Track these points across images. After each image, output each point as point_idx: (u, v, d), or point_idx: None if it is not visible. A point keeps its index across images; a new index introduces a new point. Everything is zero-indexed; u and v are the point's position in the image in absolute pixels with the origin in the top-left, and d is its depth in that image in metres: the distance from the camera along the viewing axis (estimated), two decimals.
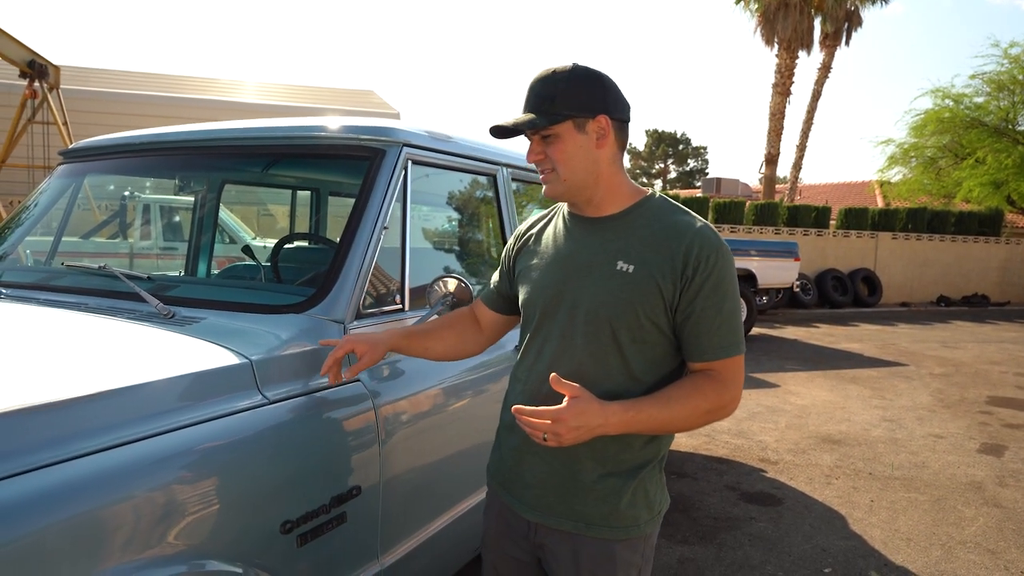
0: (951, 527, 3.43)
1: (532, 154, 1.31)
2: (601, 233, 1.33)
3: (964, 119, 18.11)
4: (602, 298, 1.27)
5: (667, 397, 1.23)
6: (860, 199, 23.84)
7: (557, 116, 1.25)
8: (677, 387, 1.25)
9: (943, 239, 15.80)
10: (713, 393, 1.25)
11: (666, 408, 1.22)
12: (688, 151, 47.10)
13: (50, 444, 1.13)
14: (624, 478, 1.30)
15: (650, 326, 1.26)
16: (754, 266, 9.65)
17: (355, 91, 17.71)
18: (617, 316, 1.26)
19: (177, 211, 7.33)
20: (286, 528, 1.44)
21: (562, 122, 1.26)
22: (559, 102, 1.25)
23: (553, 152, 1.29)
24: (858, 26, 18.94)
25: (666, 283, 1.24)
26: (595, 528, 1.31)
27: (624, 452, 1.30)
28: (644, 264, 1.25)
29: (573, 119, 1.26)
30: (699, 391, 1.24)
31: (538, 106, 1.27)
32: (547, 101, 1.26)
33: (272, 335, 1.62)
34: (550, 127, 1.27)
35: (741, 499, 3.72)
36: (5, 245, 2.38)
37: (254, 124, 2.19)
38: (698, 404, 1.24)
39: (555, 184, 1.31)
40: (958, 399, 6.26)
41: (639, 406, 1.21)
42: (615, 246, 1.29)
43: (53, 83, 9.95)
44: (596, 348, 1.28)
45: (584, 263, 1.32)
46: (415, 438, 1.87)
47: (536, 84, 1.29)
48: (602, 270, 1.29)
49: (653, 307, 1.25)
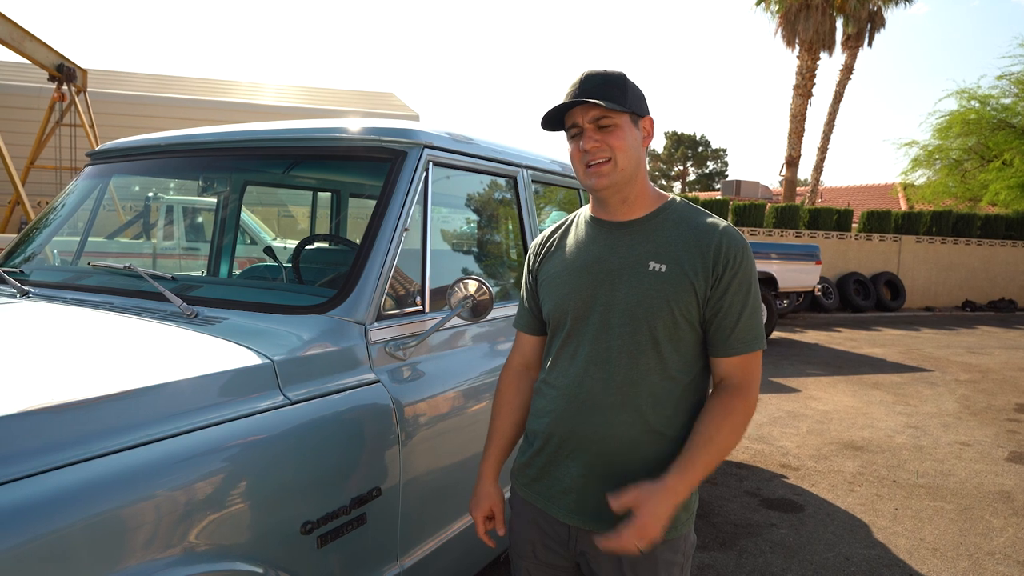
0: (979, 537, 3.37)
1: (589, 141, 1.31)
2: (629, 236, 1.36)
3: (991, 121, 17.83)
4: (637, 298, 1.30)
5: (707, 437, 1.26)
6: (883, 202, 23.56)
7: (623, 105, 1.29)
8: (709, 420, 1.28)
9: (968, 242, 15.56)
10: (741, 403, 1.29)
11: (712, 446, 1.25)
12: (708, 153, 46.83)
13: (75, 442, 1.14)
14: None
15: (684, 323, 1.30)
16: (775, 269, 9.56)
17: (375, 93, 17.82)
18: (653, 315, 1.29)
19: (199, 212, 7.41)
20: (306, 529, 1.44)
21: (625, 112, 1.31)
22: (623, 95, 1.30)
23: (613, 140, 1.31)
24: (881, 27, 18.73)
25: (698, 280, 1.29)
26: None
27: (665, 452, 1.31)
28: (677, 263, 1.30)
29: (632, 114, 1.32)
30: (730, 411, 1.28)
31: (607, 92, 1.29)
32: (616, 90, 1.30)
33: (294, 336, 1.62)
34: (613, 114, 1.30)
35: (762, 505, 3.67)
36: (33, 245, 2.42)
37: (276, 126, 2.20)
38: (734, 422, 1.28)
39: (611, 174, 1.32)
40: (985, 406, 6.15)
41: (691, 461, 1.24)
42: (645, 248, 1.33)
43: (81, 86, 10.11)
44: (632, 349, 1.31)
45: (615, 266, 1.34)
46: (435, 440, 1.87)
47: (594, 75, 1.32)
48: (634, 271, 1.32)
49: (687, 304, 1.29)
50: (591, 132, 1.31)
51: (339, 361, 1.64)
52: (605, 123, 1.30)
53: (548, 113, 1.34)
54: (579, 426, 1.34)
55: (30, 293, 2.01)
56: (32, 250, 2.40)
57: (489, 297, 1.83)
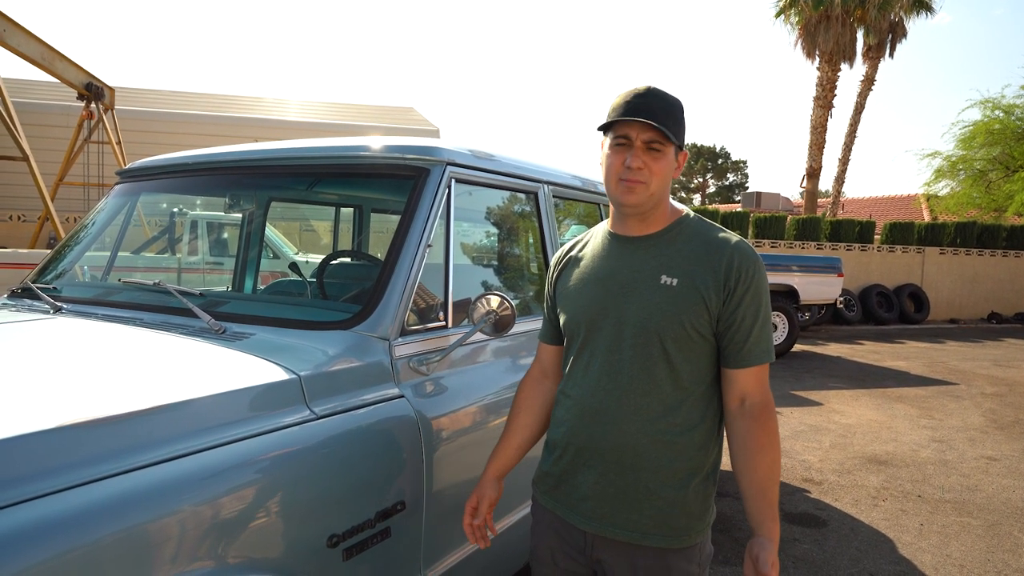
0: (1007, 554, 3.31)
1: (636, 159, 1.34)
2: (643, 251, 1.39)
3: (1015, 130, 17.60)
4: (649, 312, 1.33)
5: (768, 470, 1.32)
6: (905, 213, 23.29)
7: (676, 137, 1.34)
8: (743, 454, 1.34)
9: (994, 254, 15.32)
10: (770, 421, 1.35)
11: (775, 474, 1.33)
12: (727, 165, 46.63)
13: (107, 457, 1.16)
14: (677, 487, 1.35)
15: (696, 336, 1.33)
16: (796, 282, 9.49)
17: (396, 108, 17.99)
18: (664, 328, 1.32)
19: (224, 227, 7.52)
20: (332, 542, 1.46)
21: (672, 144, 1.35)
22: (677, 127, 1.35)
23: (656, 166, 1.35)
24: (903, 37, 18.56)
25: (710, 294, 1.32)
26: (651, 537, 1.35)
27: (677, 461, 1.35)
28: (688, 277, 1.33)
29: (676, 146, 1.37)
30: (768, 432, 1.34)
31: (665, 120, 1.32)
32: (672, 121, 1.34)
33: (320, 351, 1.65)
34: (670, 142, 1.34)
35: (784, 520, 3.64)
36: (65, 262, 2.48)
37: (302, 144, 2.25)
38: (777, 439, 1.34)
39: (642, 194, 1.36)
40: (1012, 420, 6.04)
41: (771, 500, 1.32)
42: (657, 262, 1.37)
43: (108, 104, 10.31)
44: (644, 360, 1.34)
45: (627, 280, 1.38)
46: (459, 454, 1.88)
47: (660, 97, 1.35)
48: (646, 285, 1.35)
49: (698, 317, 1.32)
50: (640, 151, 1.34)
51: (364, 376, 1.67)
52: (656, 147, 1.34)
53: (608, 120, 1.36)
54: (593, 435, 1.38)
55: (63, 309, 2.07)
56: (64, 267, 2.46)
57: (511, 313, 1.85)
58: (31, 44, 8.42)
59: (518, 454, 1.60)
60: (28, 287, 2.31)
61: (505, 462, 1.59)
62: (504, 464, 1.59)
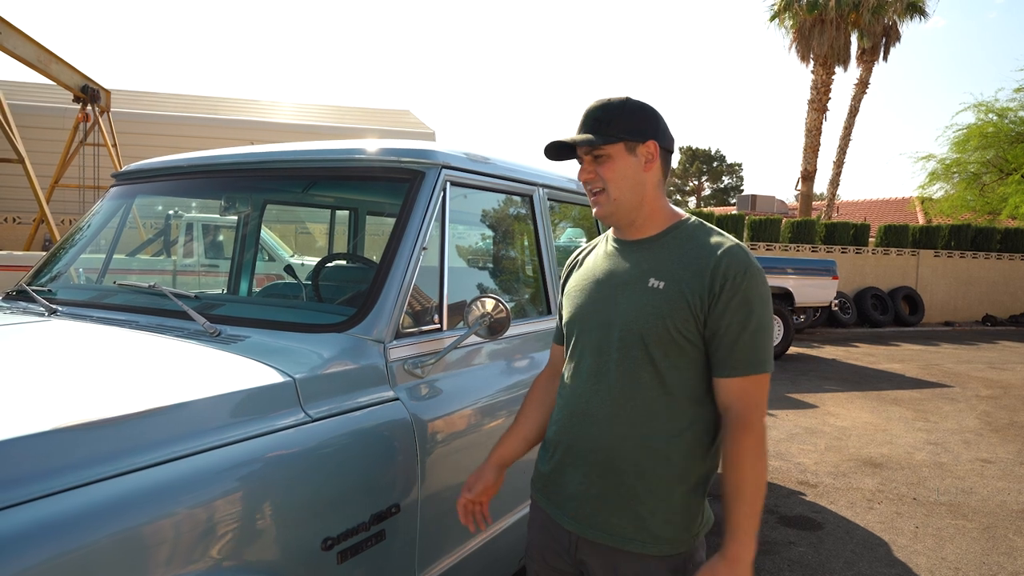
0: (1002, 556, 3.32)
1: (584, 173, 1.39)
2: (637, 254, 1.40)
3: (1009, 133, 17.68)
4: (635, 314, 1.33)
5: (734, 487, 1.25)
6: (900, 216, 23.37)
7: (611, 137, 1.34)
8: (728, 471, 1.27)
9: (988, 256, 15.38)
10: (747, 440, 1.26)
11: (743, 492, 1.24)
12: (723, 168, 46.72)
13: (102, 459, 1.16)
14: (661, 494, 1.32)
15: (682, 340, 1.30)
16: (790, 284, 9.51)
17: (391, 111, 17.99)
18: (648, 331, 1.31)
19: (219, 230, 7.51)
20: (327, 545, 1.46)
21: (615, 143, 1.35)
22: (614, 125, 1.35)
23: (604, 171, 1.36)
24: (896, 41, 18.65)
25: (695, 298, 1.29)
26: (632, 543, 1.33)
27: (661, 467, 1.32)
28: (674, 280, 1.32)
29: (625, 141, 1.35)
30: (741, 454, 1.26)
31: (594, 127, 1.35)
32: (603, 123, 1.35)
33: (314, 354, 1.65)
34: (604, 146, 1.35)
35: (780, 523, 3.64)
36: (60, 264, 2.48)
37: (297, 147, 2.25)
38: (752, 461, 1.25)
39: (605, 204, 1.38)
40: (1007, 423, 6.06)
41: (734, 521, 1.23)
42: (648, 265, 1.36)
43: (104, 106, 10.29)
44: (630, 363, 1.33)
45: (619, 282, 1.39)
46: (454, 456, 1.88)
47: (592, 110, 1.38)
48: (635, 288, 1.35)
49: (684, 321, 1.29)
50: (587, 164, 1.39)
51: (359, 379, 1.67)
52: (598, 154, 1.37)
53: (550, 145, 1.40)
54: (579, 436, 1.39)
55: (58, 312, 2.06)
56: (59, 269, 2.46)
57: (506, 315, 1.85)
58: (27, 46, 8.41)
59: (524, 445, 1.60)
60: (23, 289, 2.30)
61: (508, 450, 1.59)
62: (507, 452, 1.59)
